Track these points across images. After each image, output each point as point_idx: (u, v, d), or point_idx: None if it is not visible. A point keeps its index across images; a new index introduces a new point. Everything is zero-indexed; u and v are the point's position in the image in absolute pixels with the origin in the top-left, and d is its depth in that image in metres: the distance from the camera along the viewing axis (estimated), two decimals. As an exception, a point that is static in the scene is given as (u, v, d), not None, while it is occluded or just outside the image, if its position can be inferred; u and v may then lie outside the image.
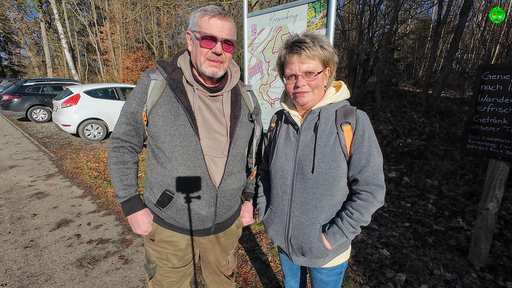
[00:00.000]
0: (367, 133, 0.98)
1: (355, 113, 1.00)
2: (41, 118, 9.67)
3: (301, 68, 0.96)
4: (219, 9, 1.00)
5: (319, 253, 1.04)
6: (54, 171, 4.73)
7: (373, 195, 0.98)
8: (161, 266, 1.19)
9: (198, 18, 1.01)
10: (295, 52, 0.95)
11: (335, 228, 1.01)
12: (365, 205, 0.98)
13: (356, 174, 0.99)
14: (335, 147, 0.99)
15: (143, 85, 1.08)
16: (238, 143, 1.14)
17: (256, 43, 2.68)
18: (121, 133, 1.10)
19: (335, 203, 1.04)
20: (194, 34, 1.01)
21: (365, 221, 0.99)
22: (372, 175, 0.97)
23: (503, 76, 1.92)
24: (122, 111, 1.11)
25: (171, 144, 1.04)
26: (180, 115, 1.04)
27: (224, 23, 1.00)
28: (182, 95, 1.05)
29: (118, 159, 1.10)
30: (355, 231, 1.00)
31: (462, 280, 2.08)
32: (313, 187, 1.02)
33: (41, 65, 27.00)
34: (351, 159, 0.99)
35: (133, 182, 1.14)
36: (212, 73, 1.03)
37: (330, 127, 1.01)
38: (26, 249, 2.51)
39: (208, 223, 1.15)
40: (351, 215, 0.99)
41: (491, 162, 2.07)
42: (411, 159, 4.66)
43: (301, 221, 1.06)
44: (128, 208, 1.12)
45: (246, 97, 1.24)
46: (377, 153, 0.99)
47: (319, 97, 1.03)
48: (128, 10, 15.78)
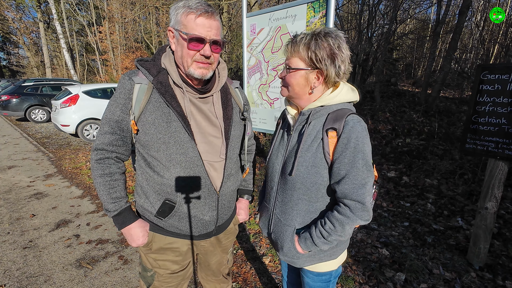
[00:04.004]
0: (353, 143, 0.87)
1: (345, 119, 0.90)
2: (40, 118, 9.64)
3: (286, 61, 0.99)
4: (205, 6, 0.92)
5: (289, 254, 1.05)
6: (53, 171, 4.72)
7: (351, 210, 0.90)
8: (160, 274, 1.15)
9: (182, 16, 0.92)
10: (287, 43, 0.99)
11: (307, 234, 0.99)
12: (340, 218, 0.91)
13: (334, 184, 0.93)
14: (317, 153, 0.94)
15: (125, 90, 0.99)
16: (233, 144, 1.13)
17: (255, 43, 2.67)
18: (105, 144, 1.01)
19: (314, 209, 1.01)
20: (179, 34, 0.93)
21: (338, 235, 0.93)
22: (351, 189, 0.89)
23: (502, 76, 1.92)
24: (104, 119, 1.01)
25: (167, 153, 0.99)
26: (173, 121, 0.98)
27: (212, 22, 0.93)
28: (172, 99, 0.98)
29: (104, 171, 1.02)
30: (325, 241, 0.94)
31: (461, 279, 2.09)
32: (290, 189, 1.01)
33: (40, 65, 26.92)
34: (332, 167, 0.92)
35: (123, 194, 1.07)
36: (201, 75, 0.97)
37: (317, 131, 0.96)
38: (25, 250, 2.50)
39: (210, 227, 1.14)
40: (324, 225, 0.95)
41: (490, 161, 2.07)
42: (410, 158, 4.66)
43: (279, 219, 1.08)
44: (120, 222, 1.05)
45: (236, 95, 1.20)
46: (363, 166, 0.88)
47: (302, 97, 0.99)
48: (127, 10, 15.75)
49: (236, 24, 12.20)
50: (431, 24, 14.13)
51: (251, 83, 2.84)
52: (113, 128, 1.01)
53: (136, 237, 1.07)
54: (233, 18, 12.13)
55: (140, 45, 20.49)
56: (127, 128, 1.02)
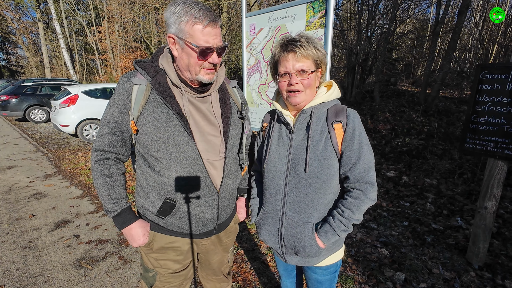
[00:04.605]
0: (357, 131, 0.98)
1: (346, 112, 1.01)
2: (39, 118, 9.63)
3: (295, 66, 0.97)
4: (209, 14, 0.92)
5: (312, 252, 1.05)
6: (52, 171, 4.71)
7: (364, 192, 0.98)
8: (161, 273, 1.16)
9: (187, 25, 0.91)
10: (290, 50, 0.96)
11: (327, 226, 1.01)
12: (356, 203, 0.98)
13: (347, 171, 1.00)
14: (327, 145, 1.00)
15: (124, 91, 1.00)
16: (232, 142, 1.14)
17: (255, 43, 2.67)
18: (105, 145, 1.02)
19: (327, 201, 1.05)
20: (185, 43, 0.93)
21: (356, 219, 0.99)
22: (363, 172, 0.97)
23: (501, 76, 1.92)
24: (103, 120, 1.02)
25: (167, 152, 1.00)
26: (172, 120, 0.99)
27: (217, 30, 0.95)
28: (171, 99, 0.99)
29: (104, 172, 1.03)
30: (346, 229, 1.00)
31: (460, 278, 2.09)
32: (305, 186, 1.02)
33: (39, 65, 26.88)
34: (342, 156, 1.00)
35: (123, 194, 1.08)
36: (209, 80, 1.01)
37: (321, 126, 1.02)
38: (25, 250, 2.50)
39: (211, 225, 1.15)
40: (342, 213, 0.99)
41: (489, 161, 2.08)
42: (410, 158, 4.67)
43: (294, 220, 1.06)
44: (121, 222, 1.06)
45: (233, 94, 1.21)
46: (368, 150, 0.99)
47: (311, 97, 1.04)
48: (126, 10, 15.72)
49: (236, 24, 12.19)
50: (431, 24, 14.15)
51: (251, 83, 2.84)
52: (113, 129, 1.01)
53: (137, 237, 1.08)
54: (232, 18, 12.13)
55: (139, 45, 20.47)
56: (127, 128, 1.03)
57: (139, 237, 1.08)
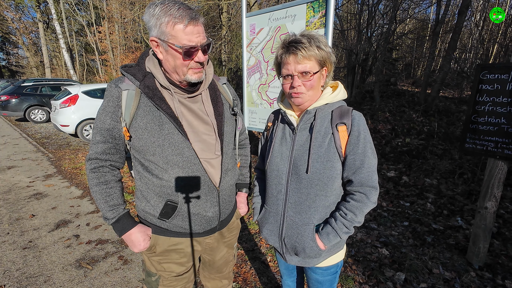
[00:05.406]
0: (362, 134, 0.97)
1: (351, 114, 1.00)
2: (39, 118, 9.64)
3: (297, 68, 0.95)
4: (189, 12, 0.89)
5: (312, 253, 1.05)
6: (52, 171, 4.72)
7: (367, 196, 0.98)
8: (165, 277, 1.15)
9: (168, 27, 0.88)
10: (291, 52, 0.95)
11: (329, 228, 1.01)
12: (359, 206, 0.98)
13: (350, 175, 1.00)
14: (330, 147, 0.99)
15: (113, 98, 0.98)
16: (227, 140, 1.14)
17: (255, 43, 2.67)
18: (98, 153, 1.01)
19: (329, 203, 1.04)
20: (168, 45, 0.91)
21: (358, 222, 1.00)
22: (367, 177, 0.97)
23: (501, 76, 1.92)
24: (95, 129, 1.01)
25: (163, 155, 0.99)
26: (165, 123, 0.98)
27: (199, 27, 0.92)
28: (162, 102, 0.98)
29: (99, 180, 1.03)
30: (348, 231, 1.01)
31: (461, 278, 2.09)
32: (307, 187, 1.02)
33: (39, 65, 26.89)
34: (346, 160, 0.99)
35: (120, 200, 1.07)
36: (198, 79, 0.99)
37: (325, 127, 1.01)
38: (25, 250, 2.50)
39: (214, 223, 1.15)
40: (345, 215, 0.99)
41: (490, 161, 2.08)
42: (410, 158, 4.67)
43: (295, 221, 1.06)
44: (120, 229, 1.06)
45: (224, 91, 1.21)
46: (372, 154, 0.99)
47: (315, 98, 1.03)
48: (126, 10, 15.74)
49: (236, 24, 12.18)
50: (431, 24, 14.15)
51: (251, 83, 2.84)
52: (105, 137, 1.01)
53: (137, 242, 1.07)
54: (232, 18, 12.12)
55: (139, 45, 20.47)
56: (119, 135, 1.02)
57: (140, 242, 1.07)
